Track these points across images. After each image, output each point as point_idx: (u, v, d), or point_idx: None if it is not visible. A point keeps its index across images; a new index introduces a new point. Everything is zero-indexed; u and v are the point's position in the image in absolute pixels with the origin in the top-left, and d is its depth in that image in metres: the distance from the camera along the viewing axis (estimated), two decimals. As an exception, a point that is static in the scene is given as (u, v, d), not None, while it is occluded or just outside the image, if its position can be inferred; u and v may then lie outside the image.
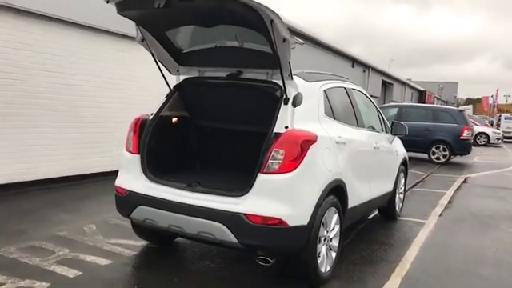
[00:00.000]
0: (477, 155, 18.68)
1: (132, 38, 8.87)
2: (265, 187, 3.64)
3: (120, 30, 8.46)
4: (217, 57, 4.40)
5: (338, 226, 4.30)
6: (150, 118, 4.43)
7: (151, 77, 9.37)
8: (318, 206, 3.83)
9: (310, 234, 3.77)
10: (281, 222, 3.58)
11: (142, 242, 4.93)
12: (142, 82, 9.21)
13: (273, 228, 3.58)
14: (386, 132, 6.20)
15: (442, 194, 9.16)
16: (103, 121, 8.54)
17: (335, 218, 4.24)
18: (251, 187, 3.68)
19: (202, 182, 4.04)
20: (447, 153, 14.89)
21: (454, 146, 14.78)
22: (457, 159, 15.77)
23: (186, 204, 3.81)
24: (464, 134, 14.73)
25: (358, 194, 4.85)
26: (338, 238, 4.35)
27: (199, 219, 3.74)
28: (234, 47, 4.26)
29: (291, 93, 3.97)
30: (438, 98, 50.19)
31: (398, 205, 6.76)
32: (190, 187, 3.97)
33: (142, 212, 4.06)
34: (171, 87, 4.67)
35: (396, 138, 6.50)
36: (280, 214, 3.59)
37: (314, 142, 3.82)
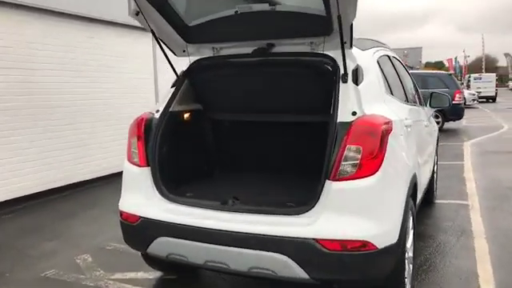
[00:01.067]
0: (463, 119, 18.22)
1: (104, 22, 7.74)
2: (339, 199, 2.64)
3: (89, 13, 7.18)
4: (237, 27, 3.31)
5: (412, 232, 3.38)
6: (156, 115, 3.34)
7: (131, 66, 8.20)
8: (406, 213, 2.89)
9: (399, 253, 2.82)
10: (365, 244, 2.59)
11: (156, 274, 3.88)
12: (121, 73, 7.99)
13: (355, 254, 2.60)
14: (422, 105, 5.29)
15: (459, 166, 8.44)
16: (79, 121, 7.29)
17: (411, 222, 3.30)
18: (317, 200, 2.67)
19: (240, 197, 3.01)
20: (440, 119, 14.25)
21: (446, 111, 14.09)
22: (448, 125, 15.19)
23: (227, 231, 2.78)
24: (456, 99, 14.10)
25: (422, 185, 3.96)
26: (413, 246, 3.43)
27: (251, 251, 2.71)
28: (262, 12, 3.20)
29: (349, 66, 2.96)
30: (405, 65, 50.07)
31: (434, 186, 5.92)
32: (226, 206, 2.93)
33: (163, 245, 3.00)
34: (178, 73, 3.58)
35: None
36: (364, 234, 2.60)
37: (392, 129, 2.84)
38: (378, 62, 3.53)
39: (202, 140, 3.91)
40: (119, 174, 3.44)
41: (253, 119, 3.81)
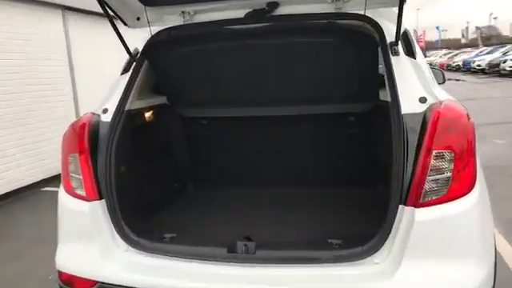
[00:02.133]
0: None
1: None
2: (426, 234, 1.72)
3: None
4: None
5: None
6: (105, 118, 2.19)
7: (39, 51, 6.61)
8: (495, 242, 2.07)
9: None
10: None
11: None
12: (26, 59, 6.36)
13: None
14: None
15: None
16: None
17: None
18: (387, 236, 1.74)
19: (253, 235, 1.98)
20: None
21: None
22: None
23: None
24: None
25: None
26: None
27: None
28: None
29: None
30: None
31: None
32: (236, 254, 1.89)
33: None
34: (133, 52, 2.41)
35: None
36: (466, 282, 1.72)
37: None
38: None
39: (171, 148, 2.80)
40: (33, 187, 2.23)
41: (246, 114, 2.76)
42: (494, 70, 23.04)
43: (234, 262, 1.85)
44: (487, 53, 27.45)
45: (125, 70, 2.38)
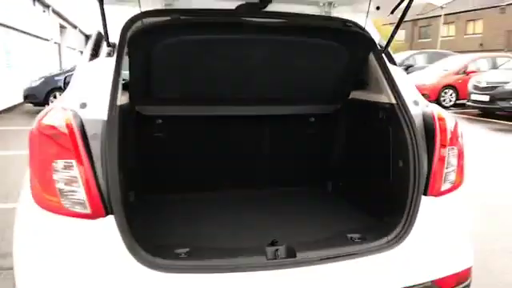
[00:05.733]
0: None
1: None
2: (444, 219, 2.00)
3: None
4: None
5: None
6: (88, 114, 1.73)
7: None
8: None
9: None
10: (470, 271, 2.08)
11: None
12: None
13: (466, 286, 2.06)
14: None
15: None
16: None
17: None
18: (409, 223, 1.92)
19: (277, 238, 1.91)
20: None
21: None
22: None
23: None
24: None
25: None
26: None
27: None
28: None
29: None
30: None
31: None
32: (275, 260, 1.78)
33: None
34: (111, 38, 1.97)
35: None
36: (469, 259, 2.07)
37: None
38: None
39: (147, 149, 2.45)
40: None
41: (207, 112, 2.55)
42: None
43: (278, 267, 1.74)
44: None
45: (93, 56, 1.93)
